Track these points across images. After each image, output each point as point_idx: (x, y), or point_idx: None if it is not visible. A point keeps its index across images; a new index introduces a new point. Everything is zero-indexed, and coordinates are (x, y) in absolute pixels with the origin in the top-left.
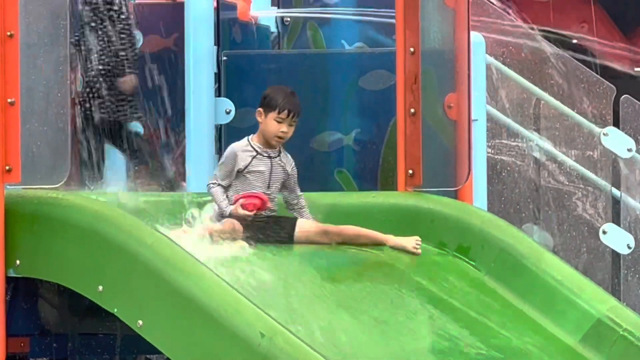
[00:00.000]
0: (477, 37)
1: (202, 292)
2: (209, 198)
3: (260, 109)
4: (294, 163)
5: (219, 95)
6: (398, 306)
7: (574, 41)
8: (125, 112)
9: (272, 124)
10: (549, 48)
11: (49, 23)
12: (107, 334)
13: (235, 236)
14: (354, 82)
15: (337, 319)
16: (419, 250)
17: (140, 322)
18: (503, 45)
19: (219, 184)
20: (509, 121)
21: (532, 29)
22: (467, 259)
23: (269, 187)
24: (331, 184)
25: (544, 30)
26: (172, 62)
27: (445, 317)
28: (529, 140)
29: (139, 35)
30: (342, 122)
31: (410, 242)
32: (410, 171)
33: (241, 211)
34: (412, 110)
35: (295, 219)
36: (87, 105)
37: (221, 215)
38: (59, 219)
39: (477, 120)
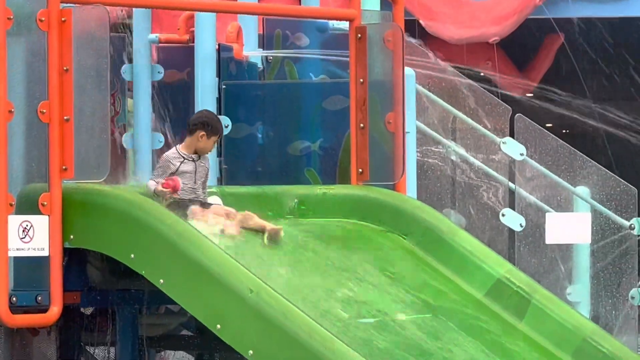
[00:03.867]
0: (409, 71)
1: (207, 258)
2: (214, 189)
3: (204, 132)
4: (209, 163)
5: (220, 114)
6: (348, 268)
7: (481, 74)
8: None
9: (211, 144)
10: (462, 79)
11: (94, 60)
12: (138, 290)
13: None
14: (319, 104)
15: (302, 280)
16: (278, 227)
17: (162, 280)
18: (428, 77)
19: (153, 180)
20: (433, 133)
21: (451, 65)
22: (402, 235)
23: (195, 182)
24: (302, 180)
25: (458, 66)
26: (185, 90)
27: (385, 278)
28: (448, 147)
29: (161, 69)
30: (310, 134)
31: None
32: (360, 170)
33: (160, 188)
34: (362, 125)
35: (210, 204)
36: None
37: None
38: (102, 205)
39: (409, 132)
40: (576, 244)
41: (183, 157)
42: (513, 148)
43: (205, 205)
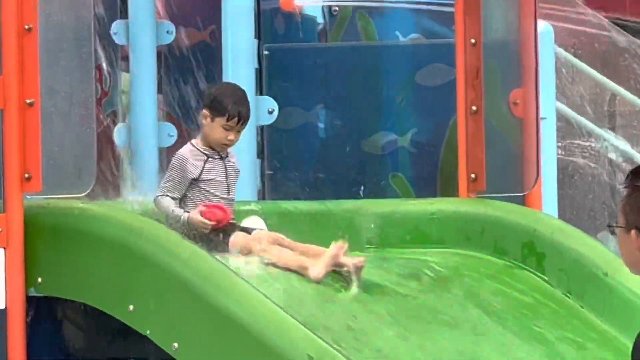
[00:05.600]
0: (545, 27)
1: (244, 311)
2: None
3: (206, 111)
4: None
5: (261, 94)
6: (461, 322)
7: None
8: None
9: (219, 130)
10: (625, 38)
11: (72, 15)
12: (139, 359)
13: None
14: (409, 78)
15: (390, 337)
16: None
17: (176, 344)
18: (574, 35)
19: (167, 196)
20: (581, 119)
21: (607, 17)
22: (536, 271)
23: (228, 192)
24: (385, 190)
25: (619, 19)
26: (208, 57)
27: (512, 335)
28: (604, 140)
29: (171, 28)
30: (397, 122)
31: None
32: (473, 175)
33: (199, 218)
34: (474, 107)
35: (250, 228)
36: None
37: (178, 222)
38: (84, 232)
39: (545, 118)
40: None
41: (205, 154)
42: None
43: (245, 230)
